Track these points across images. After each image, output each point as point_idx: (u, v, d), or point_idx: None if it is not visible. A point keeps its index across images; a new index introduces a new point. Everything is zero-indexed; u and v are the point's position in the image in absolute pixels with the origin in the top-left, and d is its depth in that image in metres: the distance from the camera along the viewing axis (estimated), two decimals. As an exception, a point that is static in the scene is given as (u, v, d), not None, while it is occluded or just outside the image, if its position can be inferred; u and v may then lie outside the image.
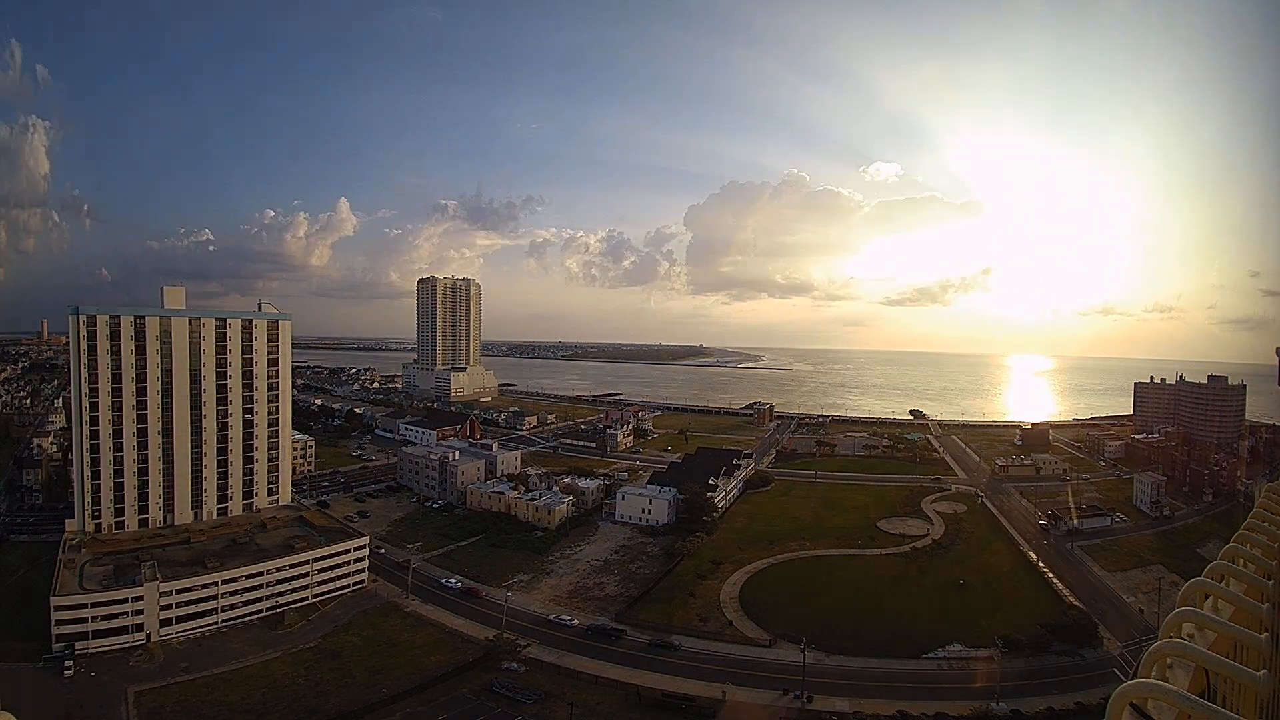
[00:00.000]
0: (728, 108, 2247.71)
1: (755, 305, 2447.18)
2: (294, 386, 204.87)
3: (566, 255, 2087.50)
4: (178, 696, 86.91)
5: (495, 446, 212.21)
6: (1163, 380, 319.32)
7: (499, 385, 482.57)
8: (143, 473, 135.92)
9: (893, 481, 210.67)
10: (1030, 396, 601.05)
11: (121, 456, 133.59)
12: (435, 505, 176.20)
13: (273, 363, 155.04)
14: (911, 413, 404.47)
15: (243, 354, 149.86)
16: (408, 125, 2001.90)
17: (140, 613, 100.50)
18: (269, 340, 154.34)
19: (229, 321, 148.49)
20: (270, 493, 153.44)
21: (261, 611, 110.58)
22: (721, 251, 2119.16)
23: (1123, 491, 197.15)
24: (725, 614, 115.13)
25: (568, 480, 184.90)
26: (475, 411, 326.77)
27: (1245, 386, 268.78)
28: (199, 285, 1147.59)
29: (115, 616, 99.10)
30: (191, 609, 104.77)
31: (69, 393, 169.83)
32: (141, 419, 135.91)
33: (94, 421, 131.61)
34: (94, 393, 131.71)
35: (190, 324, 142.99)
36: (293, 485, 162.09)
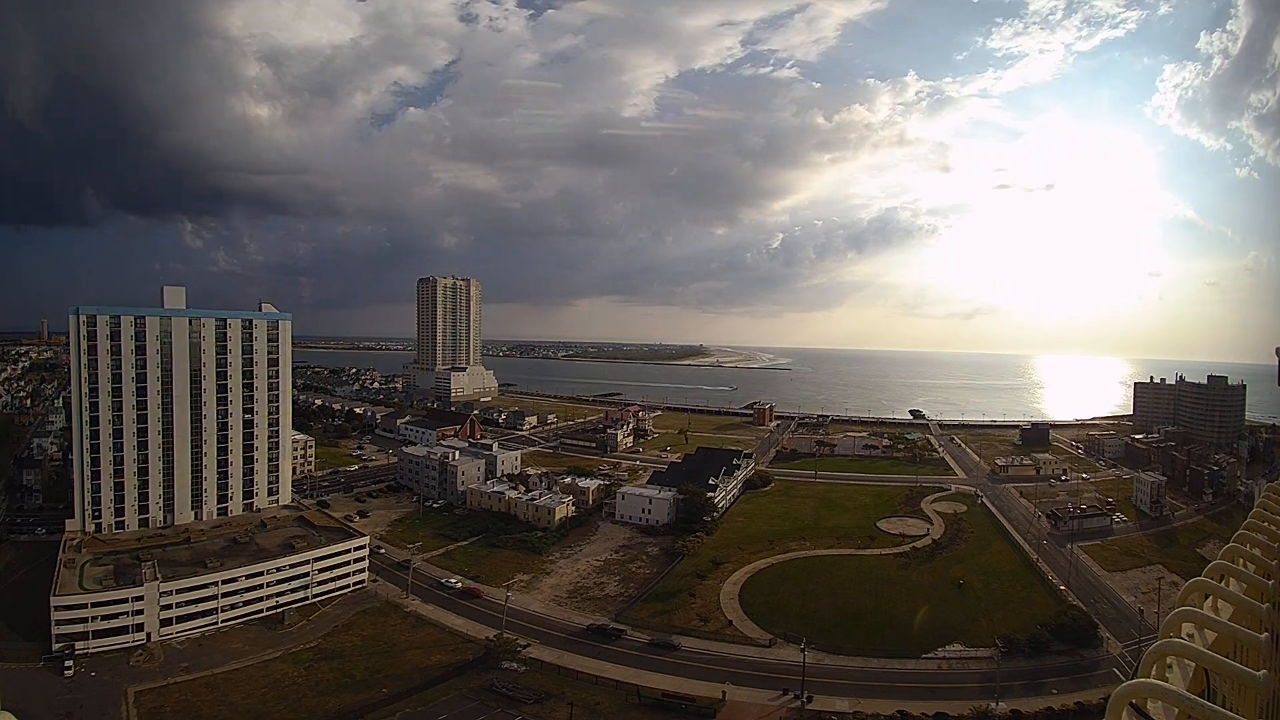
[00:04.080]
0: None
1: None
2: (294, 386, 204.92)
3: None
4: (178, 696, 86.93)
5: (495, 446, 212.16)
6: (1162, 380, 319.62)
7: (499, 385, 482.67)
8: (143, 473, 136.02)
9: (893, 481, 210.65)
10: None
11: (121, 456, 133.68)
12: (435, 505, 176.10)
13: (273, 363, 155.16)
14: (911, 413, 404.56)
15: (243, 354, 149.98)
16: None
17: (140, 613, 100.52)
18: (269, 340, 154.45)
19: (229, 321, 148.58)
20: (270, 493, 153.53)
21: (262, 611, 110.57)
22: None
23: (1123, 491, 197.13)
24: (725, 614, 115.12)
25: (568, 480, 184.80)
26: (475, 411, 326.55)
27: (1245, 386, 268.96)
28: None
29: (115, 616, 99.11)
30: (191, 609, 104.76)
31: (69, 393, 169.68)
32: (141, 419, 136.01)
33: (94, 421, 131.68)
34: (94, 393, 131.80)
35: (190, 324, 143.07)
36: (293, 485, 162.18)
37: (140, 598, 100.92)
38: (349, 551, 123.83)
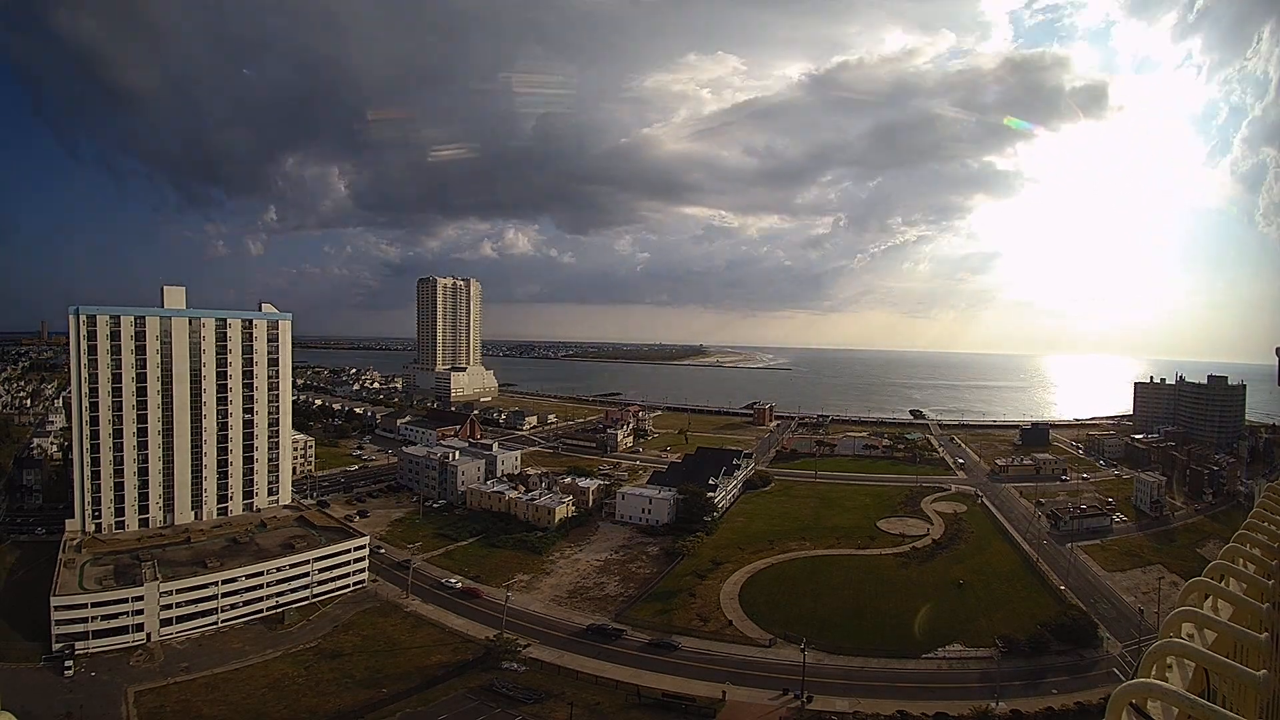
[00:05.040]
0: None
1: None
2: (294, 386, 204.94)
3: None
4: (178, 696, 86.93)
5: (495, 446, 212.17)
6: (1162, 380, 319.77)
7: (499, 385, 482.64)
8: (143, 473, 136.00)
9: (893, 481, 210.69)
10: None
11: (121, 456, 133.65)
12: (435, 505, 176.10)
13: (273, 363, 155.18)
14: (911, 413, 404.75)
15: (243, 354, 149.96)
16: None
17: (140, 613, 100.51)
18: (269, 340, 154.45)
19: (229, 321, 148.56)
20: (270, 493, 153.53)
21: (262, 611, 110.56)
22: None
23: (1123, 491, 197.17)
24: (725, 614, 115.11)
25: (568, 480, 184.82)
26: (475, 411, 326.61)
27: (1245, 386, 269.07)
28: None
29: (115, 616, 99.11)
30: (191, 609, 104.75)
31: (69, 393, 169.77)
32: (141, 419, 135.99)
33: (94, 421, 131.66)
34: (94, 393, 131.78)
35: (190, 324, 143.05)
36: (293, 485, 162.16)
37: (140, 598, 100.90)
38: (349, 551, 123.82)
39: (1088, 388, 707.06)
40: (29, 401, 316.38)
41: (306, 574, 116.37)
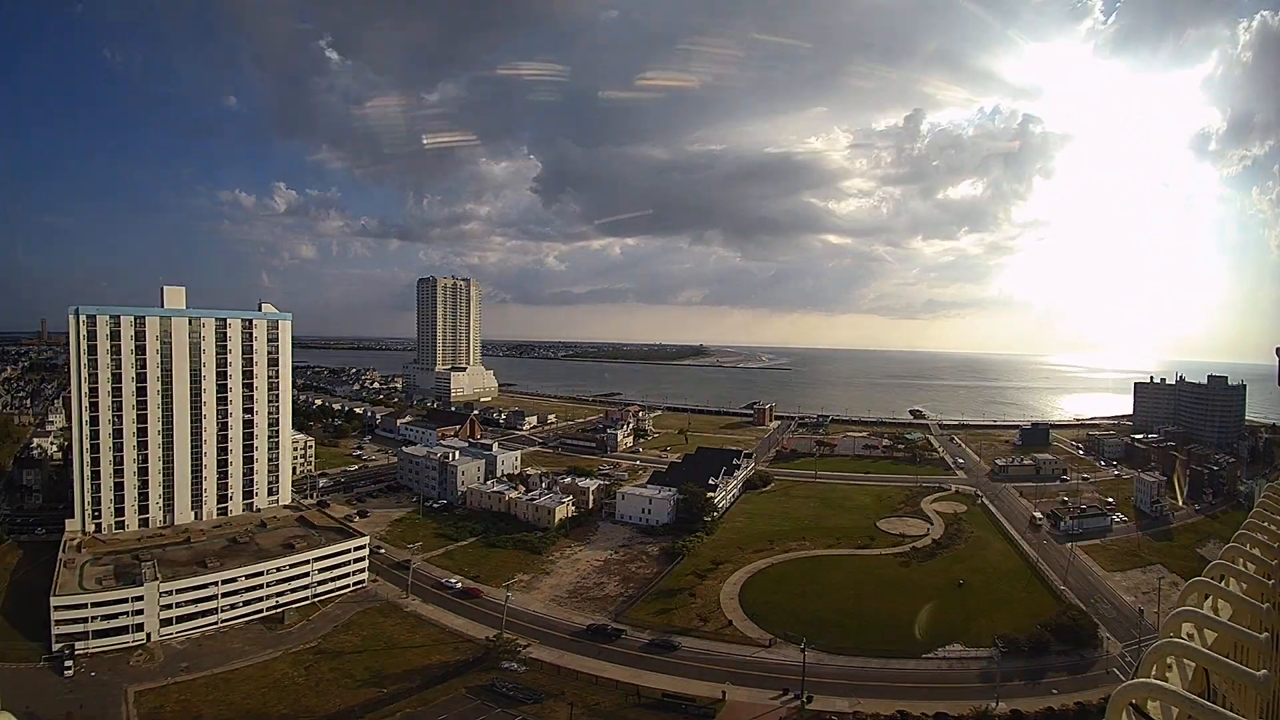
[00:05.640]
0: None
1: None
2: (294, 386, 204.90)
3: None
4: (178, 696, 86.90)
5: (495, 446, 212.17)
6: (1162, 380, 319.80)
7: (499, 385, 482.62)
8: (143, 472, 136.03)
9: (893, 481, 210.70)
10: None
11: (121, 456, 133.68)
12: (435, 505, 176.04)
13: (273, 362, 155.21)
14: (911, 413, 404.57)
15: (243, 354, 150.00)
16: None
17: (140, 613, 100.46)
18: (269, 340, 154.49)
19: (229, 321, 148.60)
20: (270, 493, 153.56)
21: (262, 611, 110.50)
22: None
23: (1123, 491, 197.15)
24: (725, 614, 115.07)
25: (568, 480, 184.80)
26: (475, 411, 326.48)
27: (1245, 386, 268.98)
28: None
29: (115, 616, 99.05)
30: (191, 609, 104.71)
31: (69, 393, 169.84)
32: (141, 419, 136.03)
33: (94, 421, 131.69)
34: (94, 393, 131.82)
35: (190, 324, 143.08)
36: (293, 485, 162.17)
37: (140, 598, 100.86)
38: (349, 551, 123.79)
39: (1090, 385, 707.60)
40: (29, 401, 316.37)
41: (306, 574, 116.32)
